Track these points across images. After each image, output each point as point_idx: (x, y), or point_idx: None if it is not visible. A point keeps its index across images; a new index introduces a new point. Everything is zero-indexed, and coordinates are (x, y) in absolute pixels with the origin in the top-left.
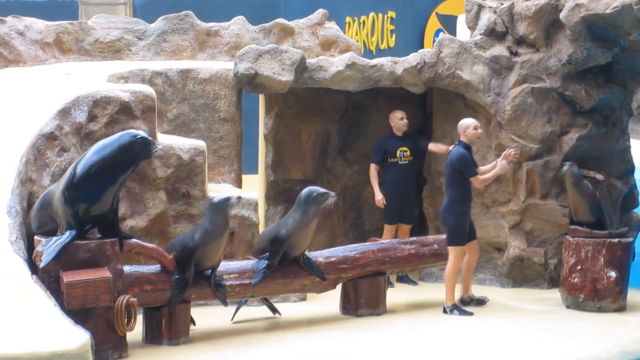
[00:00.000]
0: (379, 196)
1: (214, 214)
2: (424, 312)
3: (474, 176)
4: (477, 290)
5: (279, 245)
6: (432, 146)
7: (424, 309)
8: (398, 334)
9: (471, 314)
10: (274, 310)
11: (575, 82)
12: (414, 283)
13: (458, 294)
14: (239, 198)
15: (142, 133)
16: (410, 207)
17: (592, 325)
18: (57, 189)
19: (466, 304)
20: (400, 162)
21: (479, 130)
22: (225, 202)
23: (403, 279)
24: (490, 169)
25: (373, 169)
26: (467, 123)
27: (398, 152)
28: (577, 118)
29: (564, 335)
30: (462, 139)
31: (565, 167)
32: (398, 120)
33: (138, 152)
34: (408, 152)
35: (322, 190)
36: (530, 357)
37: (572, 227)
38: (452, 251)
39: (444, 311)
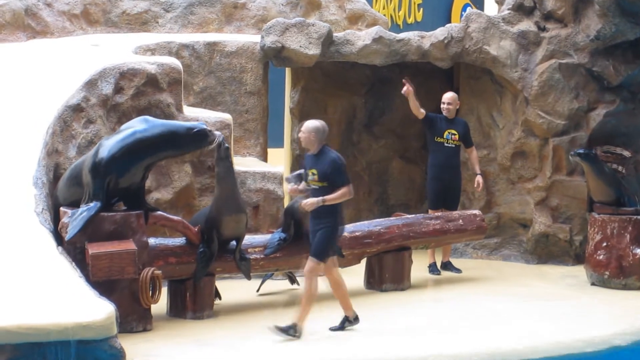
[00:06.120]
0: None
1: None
2: (449, 287)
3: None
4: (501, 267)
5: (289, 216)
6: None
7: (448, 284)
8: (422, 307)
9: None
10: (293, 280)
11: (603, 58)
12: (458, 271)
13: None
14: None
15: (200, 126)
16: (455, 192)
17: (617, 302)
18: (88, 160)
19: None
20: (446, 144)
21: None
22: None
23: (447, 266)
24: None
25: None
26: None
27: (446, 133)
28: (605, 94)
29: (588, 312)
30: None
31: (572, 158)
32: (441, 103)
33: (189, 143)
34: (457, 136)
35: None
36: (553, 333)
37: (598, 204)
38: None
39: None
